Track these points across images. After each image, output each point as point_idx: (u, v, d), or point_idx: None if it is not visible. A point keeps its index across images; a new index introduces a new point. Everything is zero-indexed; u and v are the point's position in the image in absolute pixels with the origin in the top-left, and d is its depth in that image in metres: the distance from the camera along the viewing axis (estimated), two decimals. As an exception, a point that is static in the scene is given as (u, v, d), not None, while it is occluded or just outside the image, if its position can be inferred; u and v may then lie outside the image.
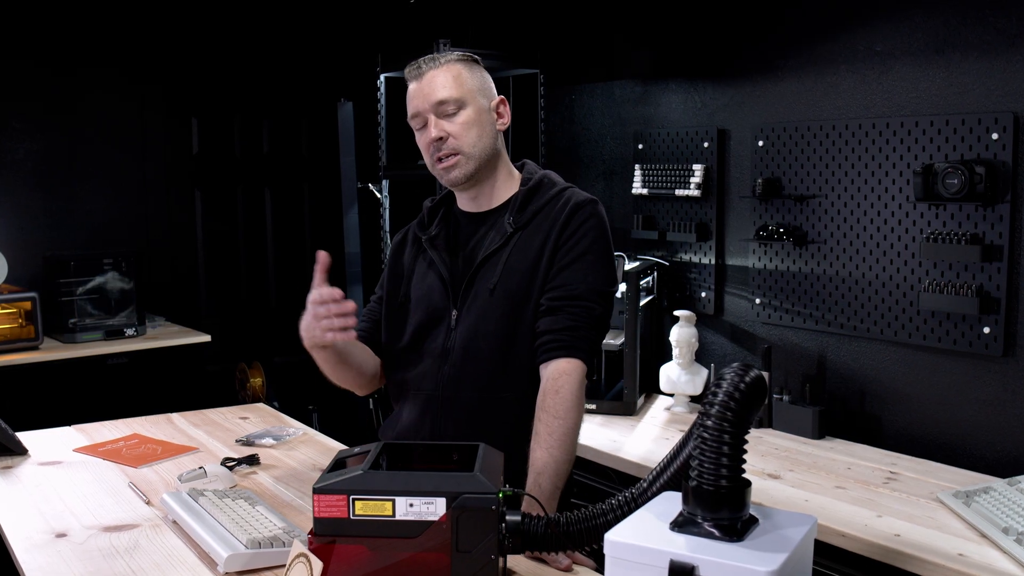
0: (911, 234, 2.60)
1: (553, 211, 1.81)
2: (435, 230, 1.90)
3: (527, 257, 1.78)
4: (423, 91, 1.80)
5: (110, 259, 3.82)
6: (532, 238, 1.80)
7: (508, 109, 1.88)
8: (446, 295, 1.83)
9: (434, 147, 1.80)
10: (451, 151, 1.79)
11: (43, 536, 1.65)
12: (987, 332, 2.42)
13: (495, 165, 1.85)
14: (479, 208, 1.88)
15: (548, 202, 1.82)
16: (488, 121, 1.82)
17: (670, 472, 1.30)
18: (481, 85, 1.83)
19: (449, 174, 1.81)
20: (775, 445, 2.66)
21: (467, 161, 1.79)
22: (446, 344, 1.81)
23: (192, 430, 2.39)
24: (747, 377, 1.17)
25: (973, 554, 1.84)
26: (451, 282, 1.83)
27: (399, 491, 1.28)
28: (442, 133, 1.78)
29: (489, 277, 1.79)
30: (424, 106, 1.79)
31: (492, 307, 1.77)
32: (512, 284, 1.77)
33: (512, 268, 1.78)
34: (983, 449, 2.46)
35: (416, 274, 1.90)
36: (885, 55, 2.65)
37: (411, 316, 1.87)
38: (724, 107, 3.14)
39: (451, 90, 1.78)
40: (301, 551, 1.30)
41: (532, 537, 1.33)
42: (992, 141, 2.38)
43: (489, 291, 1.78)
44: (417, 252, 1.93)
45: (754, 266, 3.05)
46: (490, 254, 1.81)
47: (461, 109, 1.79)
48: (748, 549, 1.11)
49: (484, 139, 1.80)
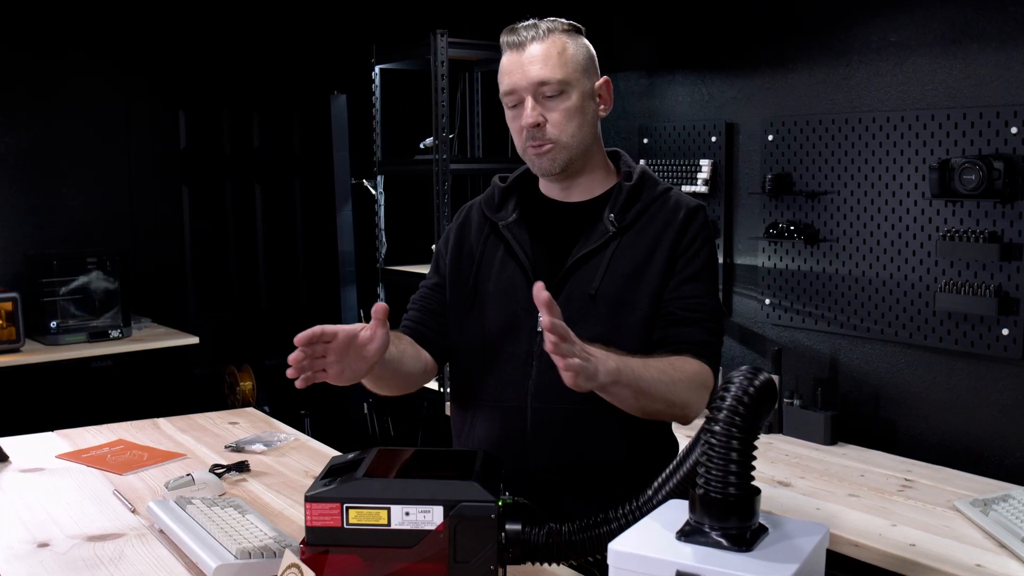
0: (927, 232, 2.60)
1: (662, 213, 1.69)
2: (514, 215, 1.75)
3: (633, 261, 1.66)
4: (523, 66, 1.65)
5: (94, 258, 3.82)
6: (638, 240, 1.67)
7: (611, 92, 1.74)
8: (530, 293, 1.67)
9: (528, 133, 1.66)
10: (548, 140, 1.66)
11: (25, 546, 1.65)
12: (1006, 334, 2.42)
13: (592, 155, 1.72)
14: (569, 198, 1.75)
15: (654, 202, 1.70)
16: (591, 108, 1.69)
17: (676, 479, 1.30)
18: (587, 64, 1.69)
19: (541, 161, 1.68)
20: (785, 451, 2.66)
21: (563, 151, 1.66)
22: (531, 350, 1.66)
23: (179, 435, 2.39)
24: (756, 381, 1.17)
25: (991, 564, 1.84)
26: (536, 278, 1.65)
27: (395, 499, 1.28)
28: (539, 119, 1.64)
29: (587, 279, 1.65)
30: (522, 83, 1.64)
31: (591, 313, 1.64)
32: (614, 289, 1.64)
33: (615, 272, 1.65)
34: (1002, 455, 2.46)
35: (487, 262, 1.75)
36: (900, 46, 2.65)
37: (485, 313, 1.72)
38: (732, 100, 3.14)
39: (555, 69, 1.63)
40: (293, 561, 1.30)
41: (533, 547, 1.33)
42: (1011, 135, 2.38)
43: (589, 296, 1.64)
44: (488, 235, 1.77)
45: (763, 265, 3.05)
46: (588, 253, 1.67)
47: (563, 93, 1.64)
48: (757, 559, 1.11)
49: (584, 128, 1.67)
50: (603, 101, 1.72)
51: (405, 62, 3.78)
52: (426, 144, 3.64)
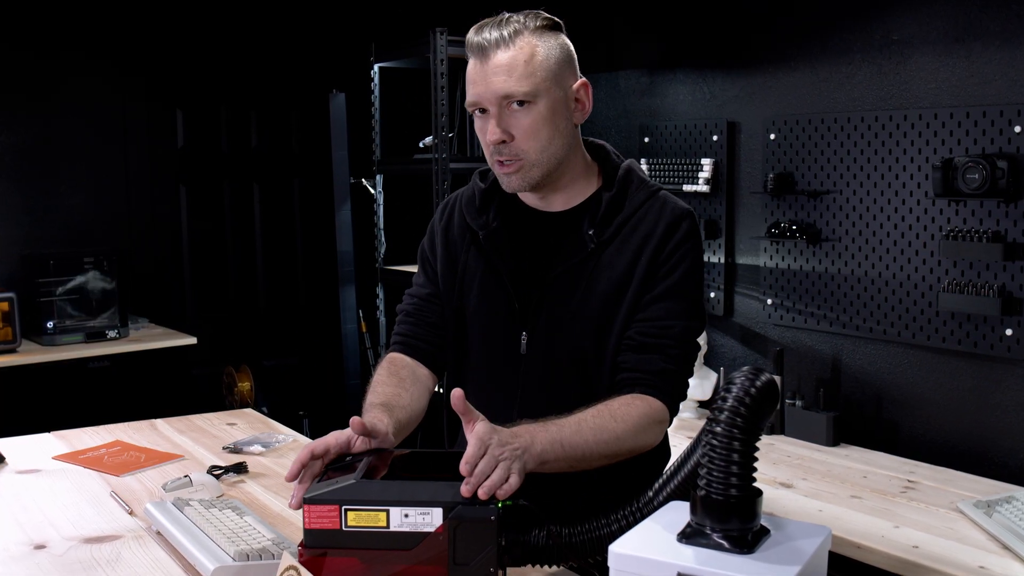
0: (930, 231, 2.60)
1: (644, 223, 1.60)
2: (494, 223, 1.67)
3: (612, 278, 1.59)
4: (487, 77, 1.55)
5: (91, 258, 3.82)
6: (619, 254, 1.59)
7: (590, 94, 1.62)
8: (512, 312, 1.63)
9: (494, 148, 1.56)
10: (514, 156, 1.56)
11: (21, 548, 1.65)
12: (1009, 334, 2.42)
13: (568, 164, 1.62)
14: (549, 208, 1.66)
15: (637, 210, 1.61)
16: (563, 116, 1.57)
17: (677, 481, 1.30)
18: (560, 68, 1.56)
19: (510, 180, 1.58)
20: (787, 452, 2.66)
21: (532, 169, 1.56)
22: (517, 375, 1.64)
23: (177, 437, 2.39)
24: (758, 381, 1.17)
25: (995, 566, 1.84)
26: (518, 296, 1.63)
27: (393, 501, 1.28)
28: (504, 136, 1.54)
29: (567, 298, 1.60)
30: (486, 95, 1.55)
31: (572, 331, 1.60)
32: (593, 310, 1.59)
33: (594, 291, 1.59)
34: (1005, 456, 2.46)
35: (470, 275, 1.69)
36: (903, 44, 2.65)
37: (468, 329, 1.69)
38: (734, 98, 3.14)
39: (521, 80, 1.52)
40: (291, 564, 1.29)
41: (533, 549, 1.33)
42: (1015, 134, 2.38)
43: (570, 315, 1.59)
44: (469, 245, 1.70)
45: (765, 265, 3.05)
46: (567, 270, 1.61)
47: (531, 104, 1.53)
48: (759, 562, 1.11)
49: (556, 140, 1.56)
50: (580, 106, 1.61)
51: (404, 60, 3.78)
52: (425, 143, 3.64)
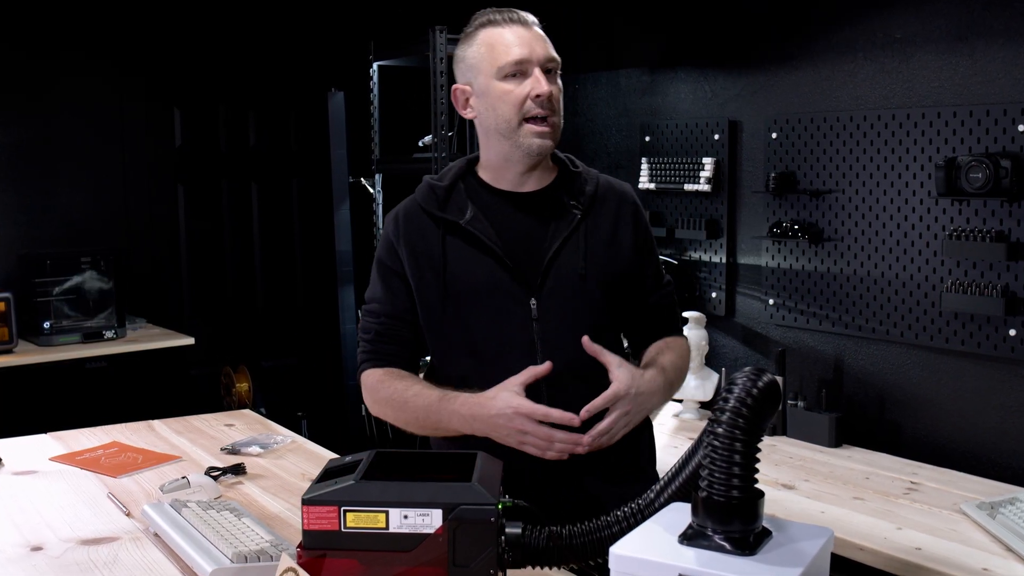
0: (933, 231, 2.60)
1: (610, 195, 1.82)
2: (471, 209, 1.76)
3: (601, 241, 1.78)
4: (531, 40, 1.71)
5: (88, 257, 3.82)
6: (600, 222, 1.79)
7: None
8: (518, 283, 1.73)
9: (536, 103, 1.69)
10: (553, 111, 1.71)
11: (18, 550, 1.65)
12: (1013, 334, 2.42)
13: None
14: (524, 188, 1.79)
15: (598, 185, 1.81)
16: None
17: (679, 482, 1.30)
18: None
19: (543, 141, 1.71)
20: (789, 454, 2.66)
21: (557, 132, 1.74)
22: (531, 338, 1.72)
23: (175, 438, 2.39)
24: (760, 382, 1.17)
25: (998, 568, 1.84)
26: (516, 268, 1.72)
27: (393, 502, 1.28)
28: (552, 90, 1.70)
29: (571, 262, 1.74)
30: (537, 54, 1.70)
31: (582, 291, 1.74)
32: (598, 267, 1.75)
33: (594, 252, 1.76)
34: (1009, 458, 2.46)
35: (454, 261, 1.75)
36: (906, 42, 2.65)
37: (466, 313, 1.75)
38: (736, 97, 3.14)
39: (555, 53, 1.73)
40: (289, 565, 1.30)
41: (533, 550, 1.33)
42: (1019, 133, 2.38)
43: (579, 276, 1.73)
44: (443, 236, 1.77)
45: (767, 265, 3.05)
46: (565, 237, 1.75)
47: (558, 77, 1.74)
48: (761, 563, 1.11)
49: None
50: None
51: (403, 59, 3.78)
52: (425, 142, 3.64)
